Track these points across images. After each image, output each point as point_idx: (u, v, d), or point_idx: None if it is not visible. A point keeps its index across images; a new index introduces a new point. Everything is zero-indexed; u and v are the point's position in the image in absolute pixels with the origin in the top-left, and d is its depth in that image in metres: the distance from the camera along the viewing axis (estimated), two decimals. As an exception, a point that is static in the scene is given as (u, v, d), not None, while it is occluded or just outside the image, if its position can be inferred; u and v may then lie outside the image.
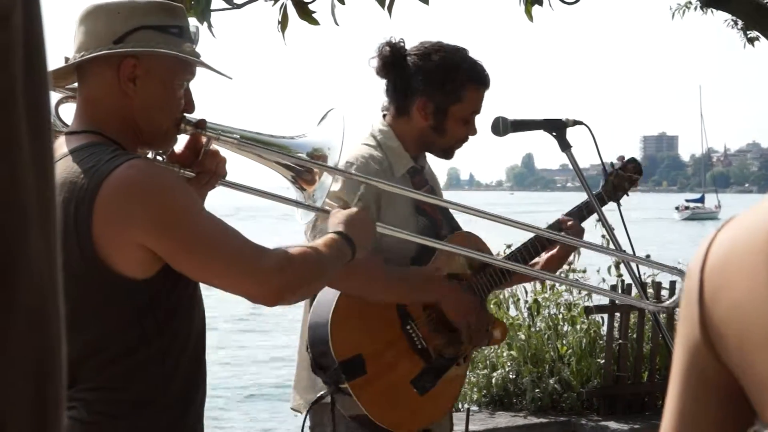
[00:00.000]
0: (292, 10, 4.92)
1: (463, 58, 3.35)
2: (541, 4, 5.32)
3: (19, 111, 0.66)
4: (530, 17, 5.34)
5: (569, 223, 3.48)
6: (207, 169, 2.51)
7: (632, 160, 3.68)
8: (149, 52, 2.33)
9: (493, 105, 3.41)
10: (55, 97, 2.54)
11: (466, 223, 3.54)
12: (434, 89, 3.30)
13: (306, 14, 4.89)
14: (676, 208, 78.62)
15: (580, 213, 3.53)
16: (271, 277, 2.30)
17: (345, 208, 3.11)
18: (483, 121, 3.40)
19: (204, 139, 2.51)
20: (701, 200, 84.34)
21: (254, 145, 2.61)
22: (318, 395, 3.17)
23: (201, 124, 2.49)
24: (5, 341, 0.65)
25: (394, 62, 3.32)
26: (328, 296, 3.15)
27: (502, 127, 3.34)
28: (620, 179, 3.59)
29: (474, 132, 3.40)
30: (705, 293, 0.95)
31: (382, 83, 3.40)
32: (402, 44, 3.35)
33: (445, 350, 3.29)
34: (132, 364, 2.28)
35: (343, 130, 2.69)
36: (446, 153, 3.43)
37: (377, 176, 3.23)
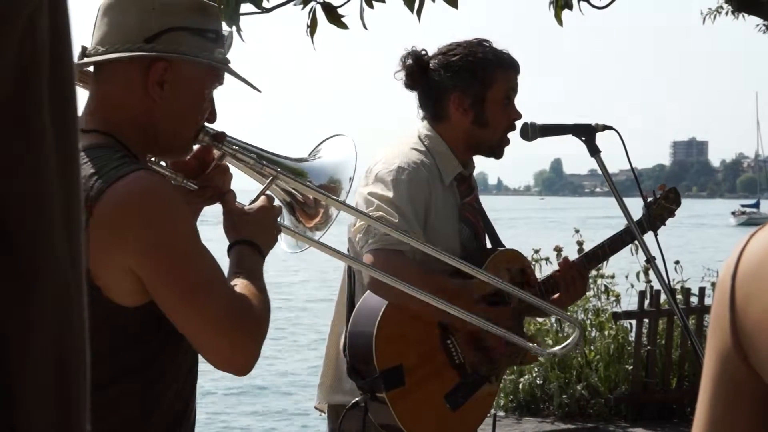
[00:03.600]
0: (321, 15, 4.93)
1: (484, 47, 3.34)
2: (570, 8, 5.30)
3: (45, 114, 0.67)
4: (560, 21, 5.32)
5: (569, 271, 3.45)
6: (213, 184, 2.29)
7: (672, 190, 3.66)
8: (190, 59, 2.13)
9: (521, 110, 3.39)
10: None
11: (500, 226, 3.54)
12: (466, 81, 3.28)
13: (335, 18, 4.89)
14: (732, 213, 79.01)
15: (623, 239, 3.50)
16: (249, 347, 2.07)
17: (398, 215, 3.10)
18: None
19: (216, 153, 2.31)
20: (756, 206, 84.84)
21: (270, 167, 2.37)
22: (354, 401, 3.17)
23: (220, 137, 2.28)
24: (28, 337, 0.66)
25: (419, 70, 3.31)
26: (371, 304, 3.15)
27: (531, 132, 3.33)
28: (661, 209, 3.59)
29: (517, 115, 3.35)
30: (737, 299, 0.93)
31: (413, 95, 3.39)
32: (424, 52, 3.33)
33: (481, 367, 3.28)
34: (110, 395, 2.02)
35: (356, 161, 2.49)
36: (495, 151, 3.38)
37: (427, 182, 3.22)
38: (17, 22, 0.65)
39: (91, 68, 2.21)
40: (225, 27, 2.25)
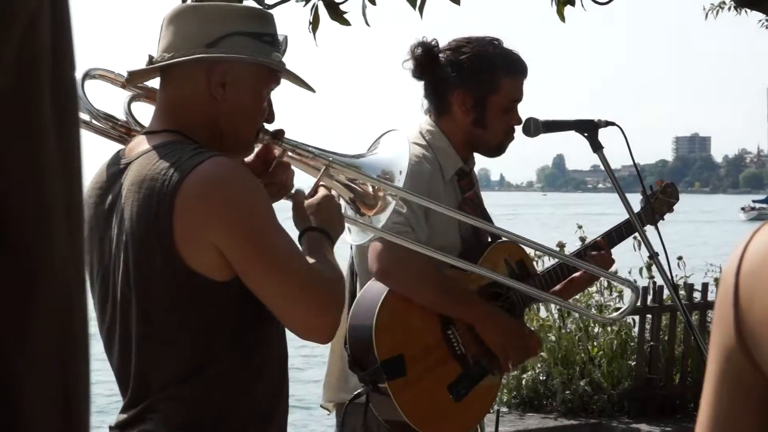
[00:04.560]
0: (323, 11, 4.92)
1: (495, 48, 3.32)
2: (573, 4, 5.29)
3: (46, 112, 0.66)
4: (562, 17, 5.30)
5: (600, 252, 3.46)
6: (277, 181, 2.42)
7: (671, 184, 3.67)
8: (248, 60, 2.27)
9: (524, 105, 3.38)
10: (124, 95, 2.50)
11: (503, 221, 3.54)
12: (470, 81, 3.27)
13: (337, 15, 4.89)
14: (742, 209, 79.12)
15: (619, 232, 3.50)
16: (329, 313, 2.22)
17: (406, 206, 3.11)
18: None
19: (277, 151, 2.45)
20: (767, 201, 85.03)
21: (327, 161, 2.52)
22: (355, 393, 3.17)
23: (279, 135, 2.43)
24: (28, 338, 0.65)
25: (428, 62, 3.30)
26: (371, 295, 3.16)
27: (534, 127, 3.32)
28: (660, 203, 3.59)
29: (518, 121, 3.34)
30: (740, 296, 0.93)
31: (419, 85, 3.38)
32: (434, 43, 3.32)
33: (483, 358, 3.28)
34: (215, 372, 2.19)
35: (409, 153, 2.63)
36: (494, 151, 3.39)
37: (430, 177, 3.23)
38: (18, 20, 0.65)
39: (157, 79, 2.37)
40: (281, 32, 2.38)
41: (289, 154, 2.47)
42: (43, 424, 0.66)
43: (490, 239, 3.41)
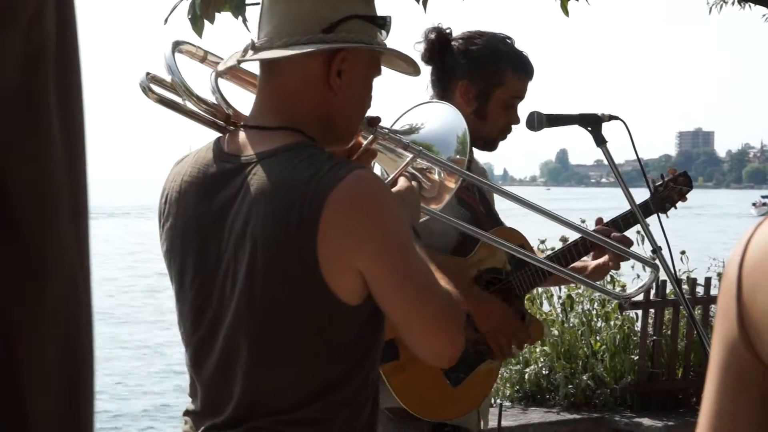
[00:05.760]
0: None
1: (506, 45, 3.36)
2: (576, -2, 5.28)
3: (51, 108, 0.66)
4: (566, 12, 5.30)
5: (613, 234, 3.44)
6: None
7: (684, 173, 3.64)
8: (378, 48, 2.14)
9: (527, 99, 3.40)
10: (201, 68, 2.30)
11: (506, 217, 3.54)
12: (477, 72, 3.30)
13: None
14: (753, 204, 79.23)
15: (626, 221, 3.49)
16: (458, 339, 2.07)
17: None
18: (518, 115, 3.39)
19: (363, 139, 2.31)
20: None
21: (417, 152, 2.40)
22: None
23: (375, 122, 2.30)
24: (36, 332, 0.65)
25: (439, 47, 3.34)
26: None
27: (537, 121, 3.32)
28: (670, 191, 3.57)
29: (516, 120, 3.36)
30: (743, 289, 0.93)
31: (419, 80, 3.40)
32: (449, 31, 3.36)
33: (478, 343, 3.28)
34: (341, 396, 2.06)
35: (465, 128, 2.49)
36: (489, 145, 3.40)
37: None
38: (23, 12, 0.65)
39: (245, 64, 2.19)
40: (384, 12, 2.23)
41: (379, 141, 2.34)
42: (48, 421, 0.66)
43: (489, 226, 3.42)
